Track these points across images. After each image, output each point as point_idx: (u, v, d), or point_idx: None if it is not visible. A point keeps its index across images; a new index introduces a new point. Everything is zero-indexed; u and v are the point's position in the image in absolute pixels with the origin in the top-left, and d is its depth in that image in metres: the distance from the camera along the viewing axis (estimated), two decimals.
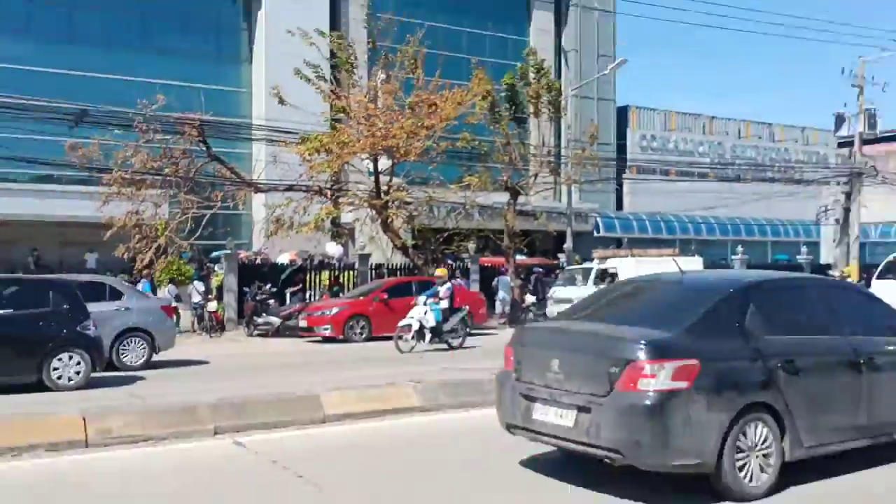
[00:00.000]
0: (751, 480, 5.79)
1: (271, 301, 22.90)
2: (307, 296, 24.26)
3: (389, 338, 17.73)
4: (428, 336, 16.64)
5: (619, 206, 40.87)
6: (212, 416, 8.46)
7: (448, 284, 18.05)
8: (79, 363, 11.23)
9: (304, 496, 6.30)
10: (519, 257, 27.97)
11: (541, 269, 28.98)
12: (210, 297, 22.95)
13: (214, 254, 25.46)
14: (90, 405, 8.76)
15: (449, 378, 10.92)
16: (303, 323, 20.39)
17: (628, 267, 24.01)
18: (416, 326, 16.57)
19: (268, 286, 23.39)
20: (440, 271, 19.56)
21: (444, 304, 17.11)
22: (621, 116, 41.48)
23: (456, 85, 24.71)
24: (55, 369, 11.05)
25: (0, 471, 7.04)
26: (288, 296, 23.67)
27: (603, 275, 23.68)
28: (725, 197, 40.47)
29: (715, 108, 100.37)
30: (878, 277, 22.87)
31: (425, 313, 16.71)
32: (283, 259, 26.07)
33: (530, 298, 26.75)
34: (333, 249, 27.82)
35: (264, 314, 22.14)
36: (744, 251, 35.15)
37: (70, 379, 11.13)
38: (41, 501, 6.21)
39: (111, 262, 25.42)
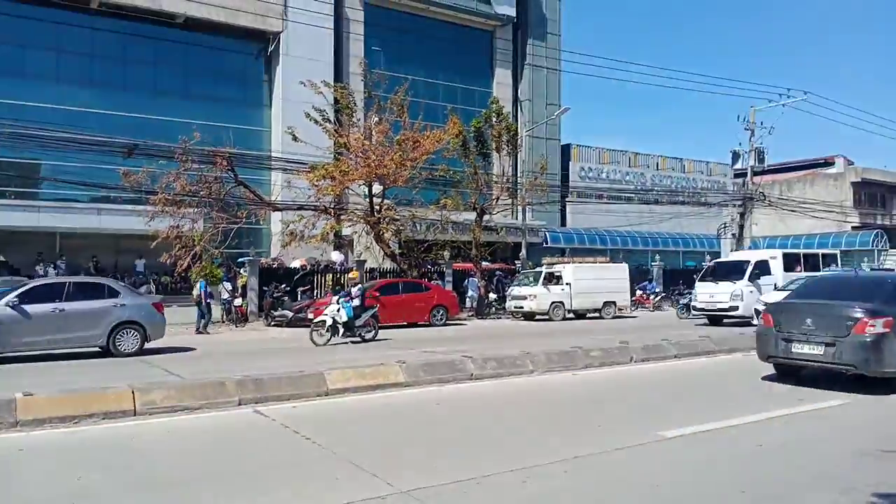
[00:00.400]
0: None
1: (285, 298, 22.76)
2: (314, 294, 24.12)
3: (382, 328, 17.51)
4: (341, 330, 15.38)
5: (563, 222, 40.99)
6: (237, 390, 8.37)
7: (360, 286, 16.97)
8: None
9: (310, 452, 6.25)
10: (484, 263, 28.01)
11: (501, 273, 29.03)
12: (236, 294, 22.74)
13: (240, 260, 25.26)
14: (136, 381, 8.63)
15: (427, 359, 10.88)
16: (311, 315, 20.22)
17: (569, 270, 24.13)
18: (329, 322, 15.25)
19: (283, 286, 23.26)
20: (353, 273, 19.05)
21: (356, 302, 15.81)
22: (565, 152, 41.63)
23: (434, 126, 24.79)
24: None
25: (65, 434, 6.94)
26: (299, 293, 23.52)
27: (550, 277, 23.77)
28: (646, 216, 40.84)
29: (638, 145, 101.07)
30: (700, 280, 21.60)
31: (338, 310, 15.34)
32: (296, 264, 25.90)
33: (493, 295, 26.81)
34: (336, 257, 27.68)
35: (280, 308, 21.99)
36: (661, 259, 35.40)
37: None
38: (103, 457, 6.10)
39: (157, 267, 25.17)
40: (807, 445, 6.39)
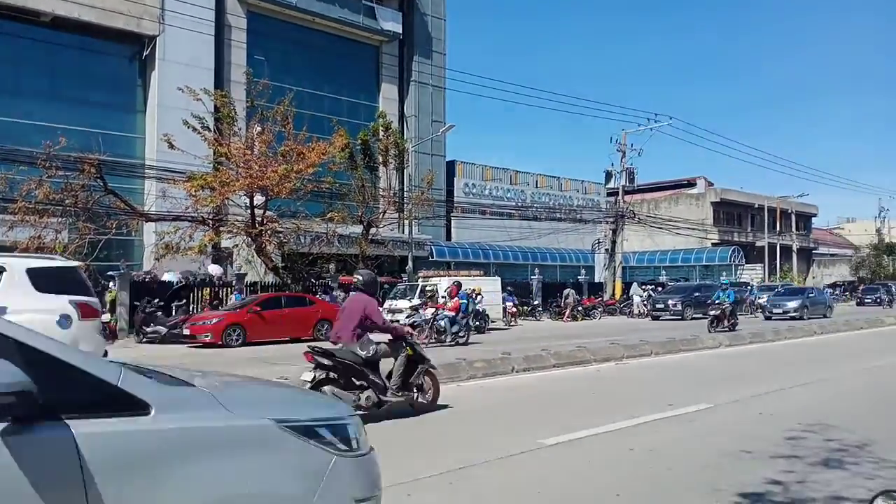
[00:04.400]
0: None
1: (159, 313, 21.51)
2: (190, 308, 22.99)
3: (262, 343, 17.19)
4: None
5: (448, 237, 41.48)
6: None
7: None
8: None
9: None
10: None
11: (388, 286, 28.88)
12: (104, 310, 21.26)
13: (109, 273, 23.70)
14: None
15: None
16: (186, 331, 19.25)
17: (444, 284, 24.29)
18: None
19: (156, 301, 21.99)
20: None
21: None
22: (450, 168, 42.22)
23: (319, 138, 24.39)
24: None
25: None
26: (174, 308, 22.32)
27: (424, 289, 23.93)
28: (526, 232, 42.03)
29: (519, 164, 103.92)
30: None
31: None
32: (170, 277, 24.60)
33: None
34: (214, 270, 26.50)
35: (152, 324, 20.78)
36: (540, 273, 36.47)
37: None
38: None
39: None
40: (674, 448, 6.67)
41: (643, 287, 35.73)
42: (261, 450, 2.61)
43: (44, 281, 8.74)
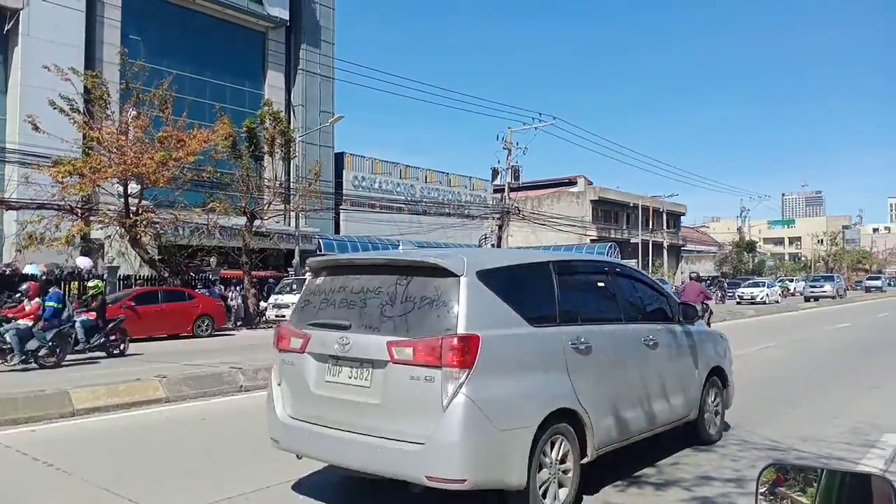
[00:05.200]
0: None
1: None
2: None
3: (137, 340, 16.38)
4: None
5: (337, 230, 40.98)
6: None
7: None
8: None
9: (55, 481, 5.49)
10: (257, 271, 26.96)
11: (273, 281, 28.18)
12: None
13: None
14: None
15: (191, 372, 10.16)
16: None
17: None
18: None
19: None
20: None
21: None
22: (338, 160, 41.65)
23: (200, 125, 23.42)
24: None
25: None
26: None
27: None
28: (415, 226, 42.24)
29: (408, 158, 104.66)
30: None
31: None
32: (33, 270, 22.84)
33: (264, 304, 25.89)
34: (83, 262, 24.82)
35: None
36: None
37: None
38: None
39: None
40: None
41: None
42: (715, 339, 6.88)
43: None
